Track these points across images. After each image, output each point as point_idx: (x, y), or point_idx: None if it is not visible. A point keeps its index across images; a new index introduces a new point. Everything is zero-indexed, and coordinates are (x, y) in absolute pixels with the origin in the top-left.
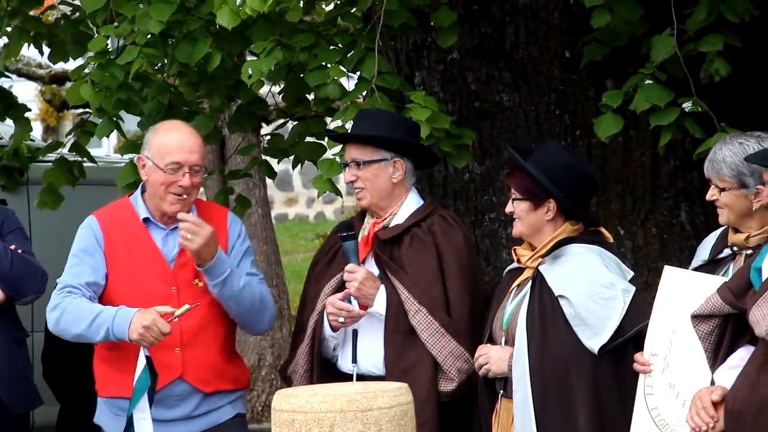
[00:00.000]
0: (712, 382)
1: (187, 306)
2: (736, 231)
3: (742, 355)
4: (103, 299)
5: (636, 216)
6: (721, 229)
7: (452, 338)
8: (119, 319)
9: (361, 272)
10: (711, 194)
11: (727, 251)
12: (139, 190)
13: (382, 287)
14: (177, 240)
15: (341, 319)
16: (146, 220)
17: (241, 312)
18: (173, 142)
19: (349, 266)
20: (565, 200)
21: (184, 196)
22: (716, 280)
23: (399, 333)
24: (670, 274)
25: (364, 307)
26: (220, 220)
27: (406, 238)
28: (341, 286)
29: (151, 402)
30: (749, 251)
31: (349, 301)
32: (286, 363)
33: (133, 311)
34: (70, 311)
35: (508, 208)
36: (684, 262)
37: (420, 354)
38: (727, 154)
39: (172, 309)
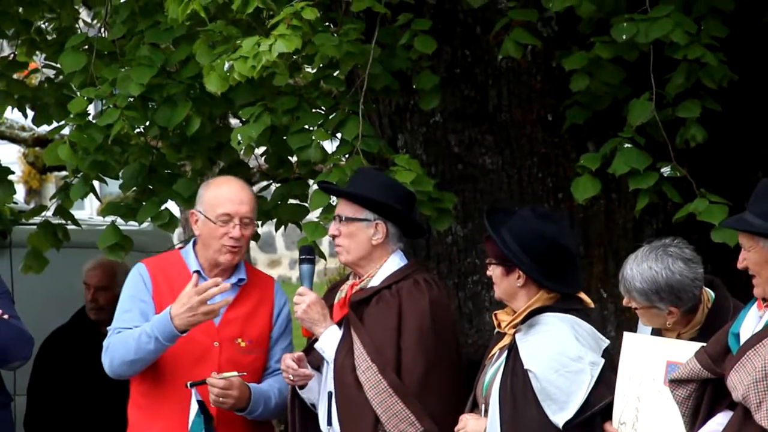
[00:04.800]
0: None
1: (235, 373)
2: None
3: (720, 420)
4: None
5: (619, 279)
6: None
7: (399, 399)
8: (157, 323)
9: (311, 296)
10: (626, 303)
11: None
12: (190, 244)
13: (334, 327)
14: (224, 296)
15: (291, 377)
16: (196, 272)
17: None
18: (224, 194)
19: (301, 289)
20: (530, 270)
21: (237, 247)
22: (676, 344)
23: (345, 386)
24: (629, 340)
25: (308, 333)
26: (266, 289)
27: (374, 299)
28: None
29: None
30: None
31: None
32: None
33: (166, 310)
34: (115, 345)
35: (488, 272)
36: None
37: (362, 411)
38: (636, 279)
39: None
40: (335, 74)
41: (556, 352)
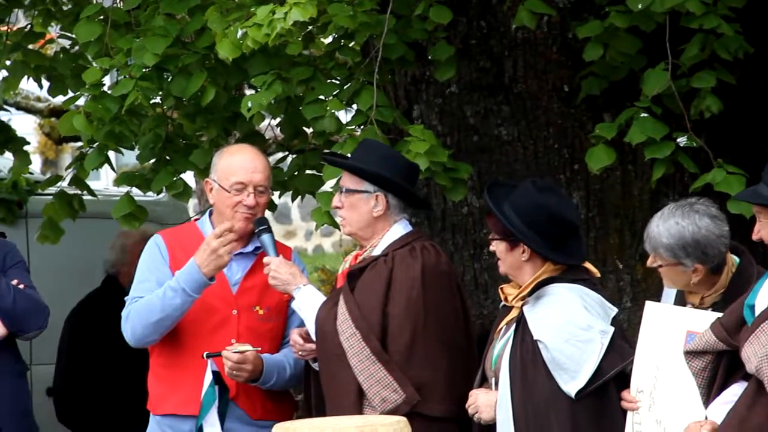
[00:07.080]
0: (706, 418)
1: (249, 347)
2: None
3: (735, 391)
4: None
5: (635, 250)
6: None
7: (382, 366)
8: (183, 274)
9: (275, 260)
10: (651, 262)
11: (690, 306)
12: (206, 215)
13: (309, 287)
14: (241, 265)
15: (300, 353)
16: None
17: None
18: (237, 162)
19: (265, 259)
20: (535, 244)
21: (252, 214)
22: (697, 314)
23: (328, 356)
24: (651, 309)
25: (287, 297)
26: (284, 257)
27: (369, 267)
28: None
29: (222, 417)
30: (709, 309)
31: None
32: None
33: (190, 261)
34: (136, 311)
35: (491, 248)
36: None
37: (347, 379)
38: (663, 234)
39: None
40: (351, 45)
41: (566, 321)
